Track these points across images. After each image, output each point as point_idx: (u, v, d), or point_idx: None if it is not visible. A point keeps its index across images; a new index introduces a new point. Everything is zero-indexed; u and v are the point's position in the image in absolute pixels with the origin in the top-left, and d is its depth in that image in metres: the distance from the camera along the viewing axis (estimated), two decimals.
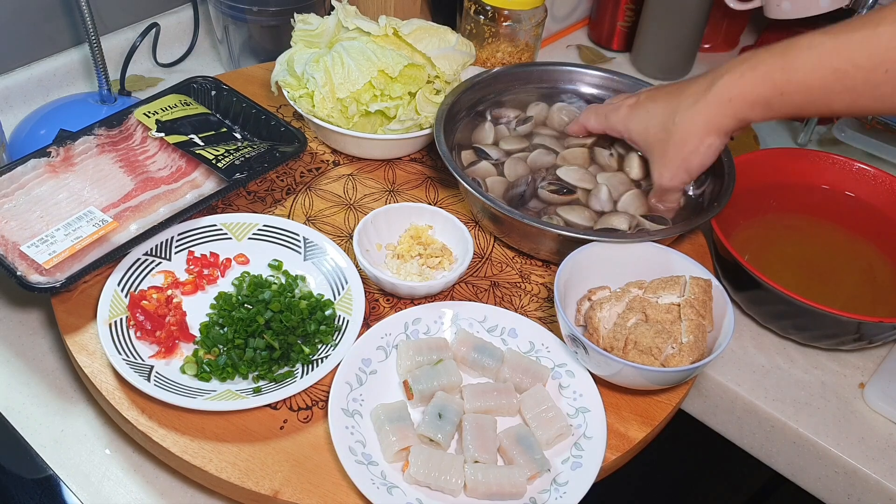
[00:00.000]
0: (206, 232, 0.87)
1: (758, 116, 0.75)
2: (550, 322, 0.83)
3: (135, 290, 0.80)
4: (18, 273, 0.77)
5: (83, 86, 1.12)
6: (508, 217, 0.83)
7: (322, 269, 0.85)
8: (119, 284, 0.80)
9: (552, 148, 0.95)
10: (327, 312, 0.80)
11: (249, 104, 0.98)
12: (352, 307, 0.80)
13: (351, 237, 0.89)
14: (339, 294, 0.82)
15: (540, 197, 0.89)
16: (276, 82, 0.99)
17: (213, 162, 0.89)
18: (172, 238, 0.85)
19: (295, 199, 0.95)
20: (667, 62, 1.27)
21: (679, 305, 0.77)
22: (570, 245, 0.81)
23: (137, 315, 0.77)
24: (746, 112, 0.75)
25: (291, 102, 0.97)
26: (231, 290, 0.83)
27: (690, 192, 0.92)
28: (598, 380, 0.76)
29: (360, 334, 0.78)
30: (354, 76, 0.91)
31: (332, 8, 0.99)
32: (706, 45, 1.35)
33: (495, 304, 0.84)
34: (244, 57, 1.17)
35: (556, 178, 0.90)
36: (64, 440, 0.75)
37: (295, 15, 0.99)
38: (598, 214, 0.88)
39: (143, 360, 0.75)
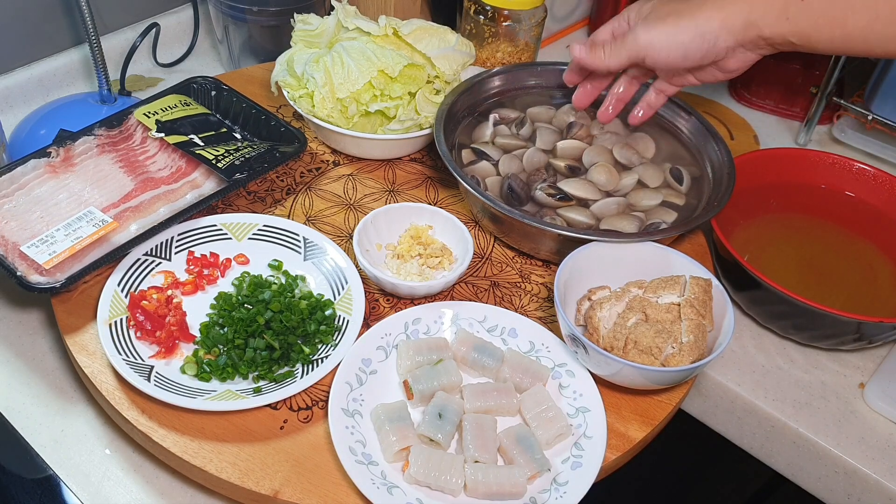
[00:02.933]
0: (206, 232, 0.87)
1: (770, 25, 0.72)
2: (550, 322, 0.83)
3: (135, 291, 0.80)
4: (18, 273, 0.77)
5: (83, 86, 1.12)
6: (508, 217, 0.83)
7: (322, 269, 0.85)
8: (119, 284, 0.80)
9: (548, 149, 0.95)
10: (327, 312, 0.80)
11: (249, 104, 0.98)
12: (352, 307, 0.80)
13: (351, 237, 0.89)
14: (339, 294, 0.82)
15: (536, 199, 0.89)
16: (276, 82, 0.99)
17: (213, 162, 0.89)
18: (172, 238, 0.85)
19: (295, 199, 0.95)
20: None
21: (679, 305, 0.77)
22: (570, 245, 0.81)
23: (137, 315, 0.77)
24: (763, 13, 0.72)
25: (291, 102, 0.97)
26: (231, 290, 0.83)
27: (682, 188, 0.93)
28: (598, 380, 0.76)
29: (360, 334, 0.78)
30: (354, 76, 0.91)
31: (332, 8, 0.99)
32: None
33: (495, 304, 0.84)
34: (244, 57, 1.17)
35: (554, 183, 0.90)
36: (64, 440, 0.75)
37: (295, 15, 0.99)
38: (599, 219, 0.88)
39: (143, 360, 0.75)
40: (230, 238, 0.87)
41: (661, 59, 0.79)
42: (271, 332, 0.77)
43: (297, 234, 0.87)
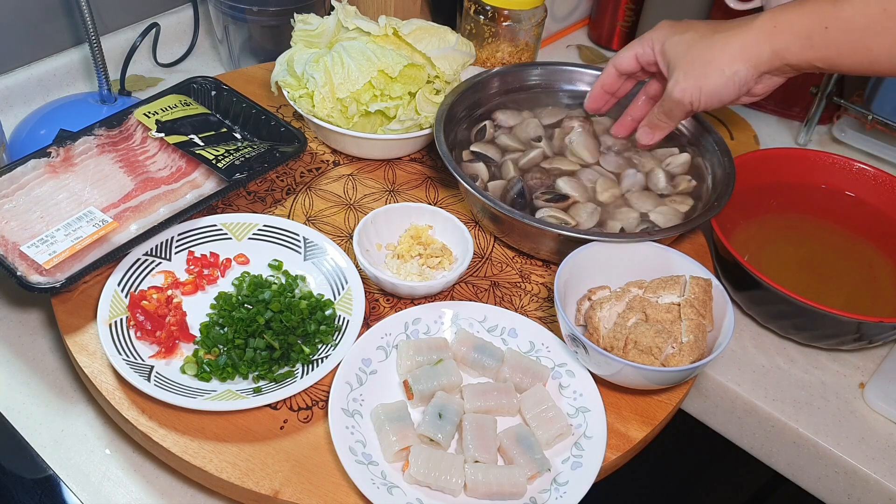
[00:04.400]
0: (206, 232, 0.87)
1: (795, 52, 0.73)
2: (550, 322, 0.83)
3: (135, 291, 0.80)
4: (19, 273, 0.77)
5: (83, 86, 1.12)
6: (508, 217, 0.83)
7: (322, 269, 0.85)
8: (119, 284, 0.80)
9: (545, 149, 0.95)
10: (327, 312, 0.80)
11: (249, 104, 0.98)
12: (352, 307, 0.80)
13: (351, 237, 0.89)
14: (339, 294, 0.82)
15: (537, 207, 0.88)
16: (276, 82, 0.99)
17: (213, 162, 0.89)
18: (172, 238, 0.85)
19: (295, 199, 0.95)
20: None
21: (679, 305, 0.77)
22: (570, 245, 0.81)
23: (137, 315, 0.77)
24: (787, 43, 0.73)
25: (291, 102, 0.97)
26: (231, 290, 0.83)
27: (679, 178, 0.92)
28: (598, 379, 0.76)
29: (360, 334, 0.78)
30: (354, 76, 0.91)
31: (332, 8, 0.99)
32: None
33: (495, 304, 0.84)
34: (244, 57, 1.17)
35: (549, 187, 0.90)
36: (64, 440, 0.75)
37: (295, 15, 0.99)
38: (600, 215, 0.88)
39: (143, 360, 0.75)
40: (230, 238, 0.87)
41: (701, 106, 0.81)
42: (271, 332, 0.77)
43: (297, 234, 0.87)
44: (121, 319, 0.77)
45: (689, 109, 0.82)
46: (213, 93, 1.00)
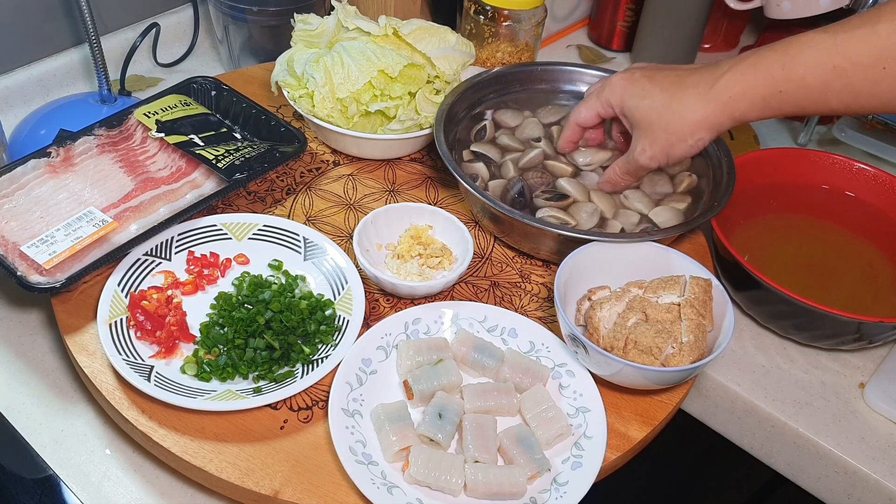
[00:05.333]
0: (206, 232, 0.87)
1: (755, 115, 0.76)
2: (550, 322, 0.83)
3: (135, 291, 0.80)
4: (19, 273, 0.77)
5: (83, 86, 1.12)
6: (508, 217, 0.83)
7: (322, 269, 0.85)
8: (119, 284, 0.80)
9: (545, 149, 0.95)
10: (327, 312, 0.80)
11: (249, 104, 0.98)
12: (352, 307, 0.80)
13: (351, 237, 0.89)
14: (339, 294, 0.82)
15: (537, 206, 0.89)
16: (276, 82, 0.99)
17: (213, 162, 0.89)
18: (172, 238, 0.85)
19: (295, 199, 0.95)
20: (667, 62, 1.27)
21: (679, 305, 0.77)
22: (570, 245, 0.81)
23: (137, 315, 0.77)
24: (744, 111, 0.75)
25: (291, 102, 0.97)
26: (231, 290, 0.83)
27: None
28: (598, 379, 0.76)
29: (360, 334, 0.78)
30: (354, 76, 0.91)
31: (332, 8, 0.99)
32: (706, 45, 1.35)
33: (495, 304, 0.84)
34: (244, 57, 1.17)
35: (550, 186, 0.90)
36: (64, 440, 0.75)
37: (295, 15, 0.99)
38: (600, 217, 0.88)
39: (143, 360, 0.75)
40: (230, 238, 0.87)
41: (668, 166, 0.87)
42: (271, 332, 0.77)
43: (297, 234, 0.87)
44: (121, 319, 0.77)
45: (650, 171, 0.86)
46: (213, 93, 1.00)
